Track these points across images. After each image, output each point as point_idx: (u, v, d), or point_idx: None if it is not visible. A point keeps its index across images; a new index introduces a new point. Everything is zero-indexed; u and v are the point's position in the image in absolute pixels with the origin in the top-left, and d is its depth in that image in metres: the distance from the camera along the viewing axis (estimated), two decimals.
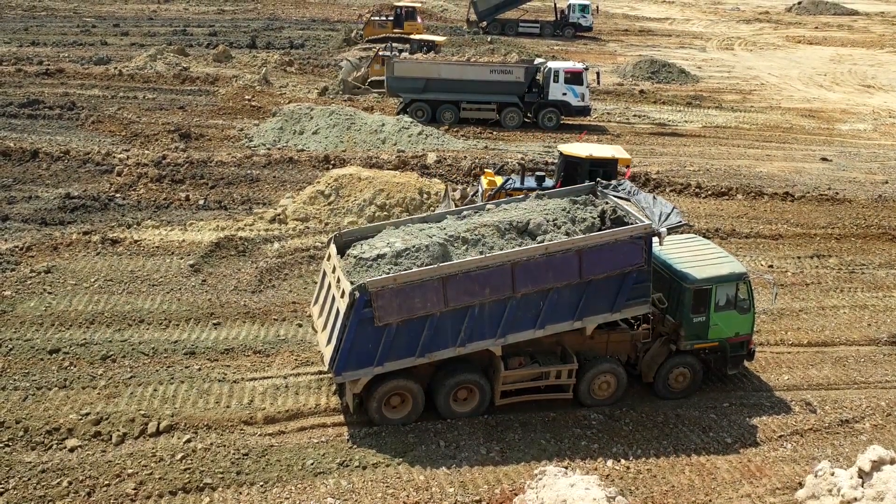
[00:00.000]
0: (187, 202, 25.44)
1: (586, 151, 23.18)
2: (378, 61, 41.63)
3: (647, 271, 15.40)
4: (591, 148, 23.78)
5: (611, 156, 23.13)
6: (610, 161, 22.89)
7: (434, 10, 68.71)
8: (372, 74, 41.48)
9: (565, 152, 23.40)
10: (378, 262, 14.56)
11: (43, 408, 14.92)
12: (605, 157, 23.00)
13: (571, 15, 63.59)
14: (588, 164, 22.64)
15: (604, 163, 22.72)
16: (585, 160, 22.76)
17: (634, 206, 16.37)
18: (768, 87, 48.96)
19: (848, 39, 68.32)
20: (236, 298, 19.47)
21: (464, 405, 15.31)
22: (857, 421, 16.29)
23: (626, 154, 24.43)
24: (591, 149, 23.59)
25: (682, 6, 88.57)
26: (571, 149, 23.61)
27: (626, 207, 16.27)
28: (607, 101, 42.28)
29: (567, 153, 23.31)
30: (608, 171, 22.21)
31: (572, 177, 22.77)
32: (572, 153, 23.22)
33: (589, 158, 22.75)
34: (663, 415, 15.96)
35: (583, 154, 23.01)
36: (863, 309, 21.07)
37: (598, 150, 23.47)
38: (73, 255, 20.99)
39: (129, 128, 32.57)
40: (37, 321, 17.81)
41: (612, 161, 22.92)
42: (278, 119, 33.27)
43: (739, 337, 16.52)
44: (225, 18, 63.67)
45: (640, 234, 15.13)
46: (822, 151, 35.38)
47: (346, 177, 24.85)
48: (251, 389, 15.93)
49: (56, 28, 55.21)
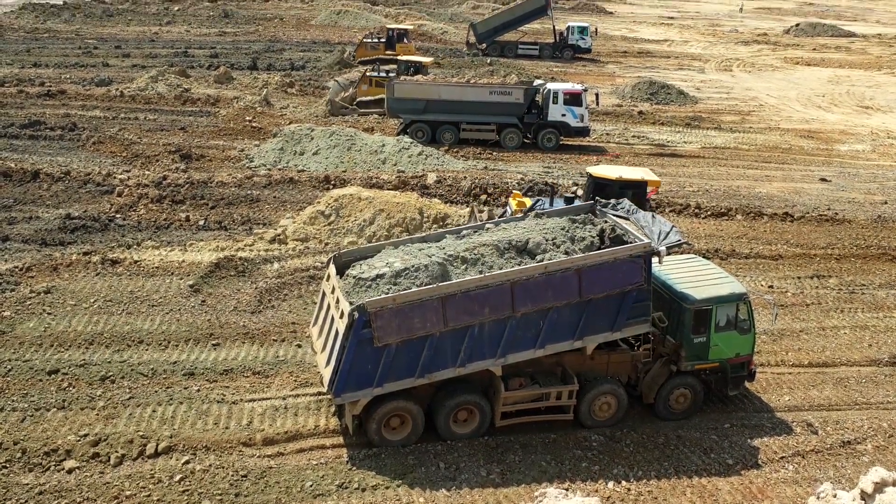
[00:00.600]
0: (187, 222, 25.48)
1: (616, 173, 23.18)
2: (365, 82, 41.94)
3: (647, 290, 15.39)
4: (620, 170, 23.77)
5: (640, 178, 23.15)
6: (639, 183, 22.91)
7: (434, 32, 69.16)
8: (360, 95, 41.75)
9: (595, 174, 23.33)
10: (377, 282, 14.55)
11: (41, 429, 14.86)
12: (635, 178, 23.00)
13: (570, 37, 63.94)
14: (618, 185, 22.60)
15: (633, 184, 22.76)
16: (615, 182, 22.72)
17: (633, 225, 16.38)
18: (767, 107, 49.17)
19: (846, 61, 68.69)
20: (236, 319, 19.44)
21: (464, 426, 15.24)
22: (859, 442, 16.21)
23: (655, 176, 24.33)
24: (620, 170, 23.59)
25: (681, 28, 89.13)
26: (601, 170, 23.59)
27: (626, 226, 16.28)
28: (606, 122, 42.45)
29: (597, 175, 23.26)
30: (638, 193, 22.32)
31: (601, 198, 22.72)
32: (602, 175, 23.19)
33: (619, 180, 22.72)
34: (664, 436, 15.89)
35: (612, 176, 22.98)
36: (863, 329, 21.04)
37: (628, 172, 23.46)
38: (73, 276, 20.99)
39: (130, 149, 32.68)
40: (36, 342, 17.78)
41: (641, 183, 22.94)
42: (279, 140, 33.39)
43: (740, 357, 16.49)
44: (226, 40, 64.04)
45: (639, 253, 15.14)
46: (821, 172, 35.48)
47: (347, 197, 24.91)
48: (250, 410, 15.87)
49: (58, 50, 55.52)
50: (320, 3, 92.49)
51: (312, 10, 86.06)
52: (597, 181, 23.14)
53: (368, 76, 42.16)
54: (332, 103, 41.09)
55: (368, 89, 41.50)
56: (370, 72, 43.01)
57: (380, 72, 42.98)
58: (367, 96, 41.33)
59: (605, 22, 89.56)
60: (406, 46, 53.59)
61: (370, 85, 41.57)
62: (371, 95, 41.25)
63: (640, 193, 22.57)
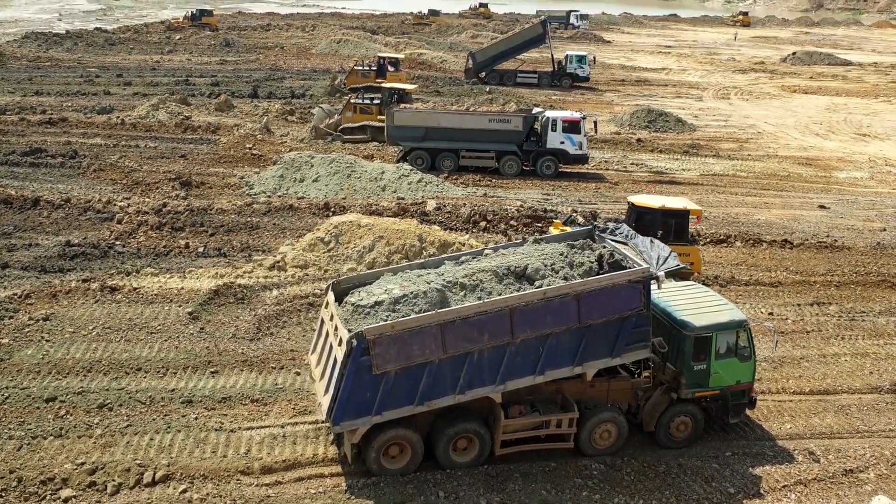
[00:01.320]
0: (187, 249, 25.49)
1: (658, 202, 23.21)
2: (350, 109, 42.23)
3: (647, 315, 15.34)
4: (662, 199, 23.81)
5: (682, 206, 23.19)
6: (682, 212, 22.97)
7: (433, 61, 69.71)
8: (344, 122, 42.00)
9: (637, 203, 23.32)
10: (376, 309, 14.50)
11: (37, 457, 14.75)
12: (678, 207, 23.05)
13: (569, 65, 64.48)
14: (661, 214, 22.65)
15: (676, 213, 22.82)
16: (658, 210, 22.74)
17: (632, 250, 16.38)
18: (765, 135, 49.41)
19: (843, 89, 69.18)
20: (234, 346, 19.37)
21: (463, 455, 15.13)
22: (862, 471, 16.09)
23: (696, 205, 24.36)
24: (663, 200, 23.65)
25: (678, 57, 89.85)
26: (643, 200, 23.61)
27: (624, 251, 16.28)
28: (605, 149, 42.63)
29: (639, 204, 23.26)
30: (681, 222, 22.53)
31: (644, 228, 22.72)
32: (645, 204, 23.20)
33: (662, 209, 22.75)
34: (665, 464, 15.77)
35: (655, 205, 22.98)
36: (864, 357, 20.97)
37: (670, 202, 23.52)
38: (72, 303, 20.94)
39: (131, 176, 32.79)
40: (34, 369, 17.69)
41: (684, 212, 22.99)
42: (279, 167, 33.51)
43: (741, 385, 16.40)
44: (227, 69, 64.52)
45: (638, 278, 15.10)
46: (820, 199, 35.57)
47: (346, 224, 24.93)
48: (248, 439, 15.76)
49: (60, 78, 55.92)
50: (321, 32, 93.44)
51: (313, 38, 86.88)
52: (639, 210, 23.10)
53: (353, 103, 42.53)
54: (317, 129, 41.37)
55: (353, 116, 41.84)
56: (354, 99, 43.35)
57: (364, 99, 43.32)
58: (351, 123, 41.66)
59: (603, 51, 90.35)
60: (397, 75, 54.02)
61: (354, 112, 41.92)
62: (355, 122, 41.59)
63: (682, 222, 22.72)
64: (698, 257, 23.31)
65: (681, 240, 22.75)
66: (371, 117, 41.43)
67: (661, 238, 21.86)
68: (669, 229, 22.60)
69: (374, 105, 41.97)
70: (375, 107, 41.79)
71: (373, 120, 41.26)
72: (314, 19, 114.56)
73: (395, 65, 55.30)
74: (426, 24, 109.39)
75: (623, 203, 32.90)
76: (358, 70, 55.16)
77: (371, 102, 42.32)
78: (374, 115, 41.39)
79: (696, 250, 23.46)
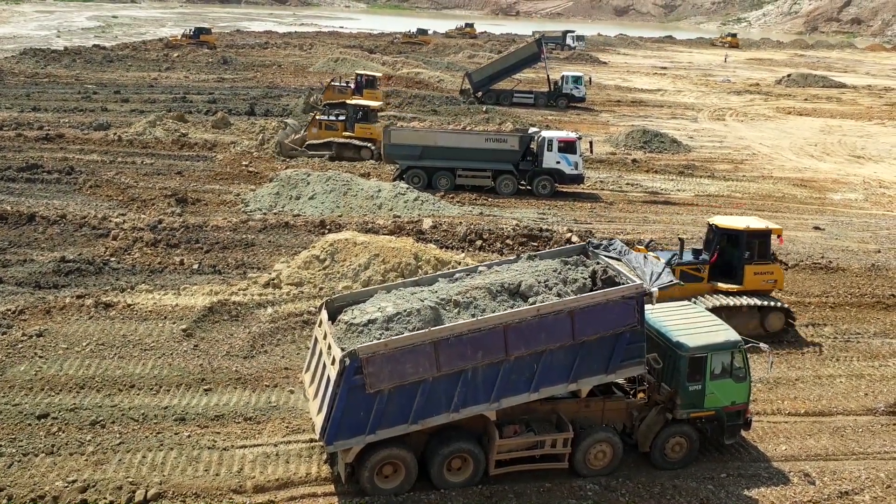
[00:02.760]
0: (182, 266, 25.44)
1: (743, 223, 23.26)
2: (315, 125, 42.31)
3: (641, 331, 15.31)
4: (746, 220, 23.86)
5: (765, 227, 23.27)
6: (765, 232, 23.07)
7: (430, 80, 70.00)
8: (309, 138, 42.09)
9: (722, 225, 23.29)
10: (369, 327, 14.46)
11: (28, 475, 14.64)
12: (761, 228, 23.13)
13: (565, 86, 64.78)
14: (746, 236, 22.73)
15: (760, 234, 22.92)
16: (744, 232, 22.79)
17: (625, 266, 16.37)
18: (760, 156, 49.63)
19: (837, 111, 69.59)
20: (228, 364, 19.30)
21: (458, 475, 15.04)
22: (857, 493, 16.03)
23: (775, 224, 24.45)
24: (747, 221, 23.71)
25: (674, 78, 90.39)
26: (728, 221, 23.62)
27: (618, 267, 16.27)
28: (600, 169, 42.76)
29: (724, 226, 23.23)
30: (764, 242, 22.75)
31: (730, 250, 22.92)
32: (730, 226, 23.20)
33: (747, 231, 22.82)
34: (660, 485, 15.70)
35: (741, 226, 23.02)
36: (859, 378, 20.96)
37: (754, 223, 23.55)
38: (66, 319, 20.87)
39: (127, 192, 32.78)
40: (26, 385, 17.60)
41: (767, 232, 23.10)
42: (275, 184, 33.54)
43: (736, 406, 16.38)
44: (224, 86, 64.70)
45: (631, 295, 15.09)
46: (815, 220, 35.68)
47: (342, 242, 24.93)
48: (241, 457, 15.66)
49: (57, 94, 56.00)
50: (318, 50, 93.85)
51: (310, 57, 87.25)
52: (724, 232, 23.09)
53: (318, 119, 42.63)
54: (282, 145, 41.36)
55: (318, 132, 41.93)
56: (320, 115, 43.41)
57: (329, 115, 43.40)
58: (316, 139, 41.73)
59: (599, 71, 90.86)
60: (374, 92, 54.21)
61: (320, 128, 42.02)
62: (320, 139, 41.66)
63: (766, 242, 22.87)
64: (781, 274, 23.49)
65: (764, 258, 23.03)
66: (336, 133, 41.58)
67: (747, 258, 22.37)
68: (754, 249, 22.81)
69: (339, 122, 42.13)
70: (341, 123, 41.95)
71: (338, 136, 41.44)
72: (312, 38, 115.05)
73: (371, 82, 55.47)
74: (415, 42, 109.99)
75: (618, 223, 33.12)
76: (335, 86, 55.26)
77: (336, 119, 42.48)
78: (340, 131, 41.59)
79: (779, 268, 23.64)
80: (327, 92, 54.65)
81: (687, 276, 22.42)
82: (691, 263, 22.91)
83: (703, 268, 22.92)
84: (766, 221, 24.34)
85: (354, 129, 41.37)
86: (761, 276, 22.87)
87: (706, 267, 22.92)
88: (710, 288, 22.83)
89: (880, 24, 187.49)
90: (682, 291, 21.55)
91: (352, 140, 41.21)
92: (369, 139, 41.37)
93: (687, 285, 22.02)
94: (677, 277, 21.91)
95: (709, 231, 23.71)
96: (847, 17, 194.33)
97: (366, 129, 41.47)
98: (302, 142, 41.94)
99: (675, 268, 22.26)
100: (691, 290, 22.31)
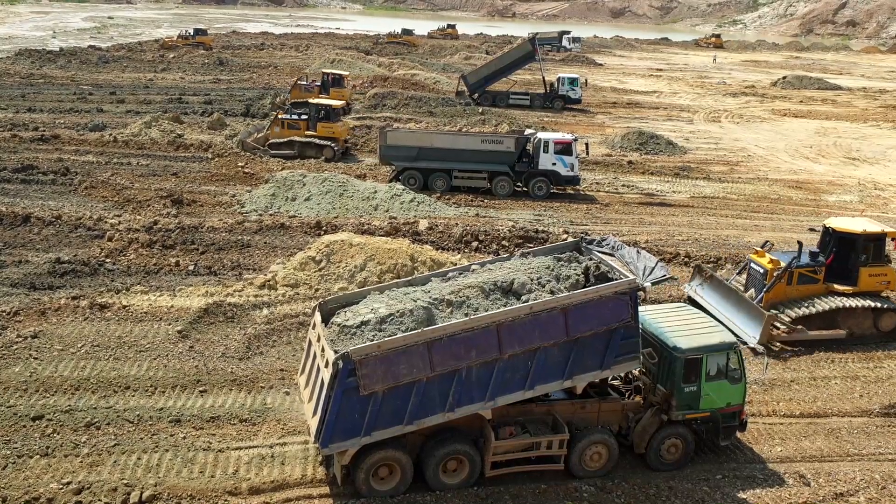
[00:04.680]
0: (177, 267, 25.40)
1: (860, 227, 23.40)
2: (277, 124, 42.32)
3: (635, 327, 15.29)
4: (861, 223, 23.99)
5: (881, 230, 23.42)
6: (881, 235, 23.22)
7: (426, 81, 69.97)
8: (272, 137, 42.08)
9: (838, 228, 23.39)
10: (362, 328, 14.42)
11: (23, 476, 14.60)
12: (877, 231, 23.28)
13: (561, 87, 64.82)
14: (862, 239, 22.88)
15: (876, 237, 23.09)
16: (861, 235, 22.93)
17: (619, 261, 16.37)
18: (755, 158, 49.70)
19: (832, 113, 69.71)
20: (223, 365, 19.27)
21: (453, 476, 15.03)
22: (852, 494, 16.05)
23: (891, 228, 24.65)
24: (862, 224, 23.85)
25: (670, 80, 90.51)
26: (844, 224, 23.72)
27: (611, 263, 16.26)
28: (596, 171, 42.79)
29: (840, 229, 23.34)
30: (879, 245, 22.98)
31: (846, 252, 23.05)
32: (846, 229, 23.32)
33: (864, 234, 22.97)
34: (655, 487, 15.71)
35: (857, 230, 23.15)
36: (854, 380, 21.00)
37: (870, 226, 23.69)
38: (61, 320, 20.83)
39: (122, 193, 32.72)
40: (21, 387, 17.55)
41: (882, 235, 23.25)
42: (271, 185, 33.52)
43: (731, 407, 16.40)
44: (220, 87, 64.63)
45: (624, 290, 15.08)
46: (810, 222, 35.67)
47: (338, 243, 24.91)
48: (236, 459, 15.64)
49: (53, 95, 55.90)
50: (314, 52, 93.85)
51: (307, 58, 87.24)
52: (840, 235, 23.24)
53: (280, 118, 42.65)
54: (244, 144, 41.35)
55: (280, 131, 41.97)
56: (282, 114, 43.48)
57: (291, 114, 43.44)
58: (278, 138, 41.76)
59: (595, 73, 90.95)
60: (341, 91, 54.26)
61: (282, 127, 42.04)
62: (282, 137, 41.69)
63: (881, 244, 23.05)
64: (894, 276, 23.58)
65: (878, 260, 23.24)
66: (298, 132, 41.63)
67: (862, 261, 22.67)
68: (869, 252, 23.04)
69: (301, 120, 42.13)
70: (303, 122, 41.96)
71: (300, 135, 41.49)
72: (308, 39, 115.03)
73: (338, 81, 55.49)
74: (400, 42, 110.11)
75: (614, 225, 33.13)
76: (302, 85, 55.19)
77: (298, 118, 42.50)
78: (302, 130, 41.65)
79: (893, 269, 23.74)
80: (293, 91, 54.55)
81: (804, 278, 22.99)
82: (808, 266, 23.15)
83: (820, 269, 23.17)
84: (881, 224, 24.55)
85: (316, 129, 41.50)
86: (876, 277, 23.15)
87: (822, 269, 23.16)
88: (826, 289, 23.14)
89: (875, 26, 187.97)
90: (798, 292, 22.62)
91: (313, 139, 41.35)
92: (331, 138, 41.57)
93: (802, 287, 22.85)
94: (796, 280, 22.67)
95: (824, 234, 23.92)
96: (842, 20, 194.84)
97: (328, 128, 41.60)
98: (264, 140, 41.96)
99: (794, 270, 22.85)
100: (807, 292, 22.92)
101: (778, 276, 22.76)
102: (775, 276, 22.79)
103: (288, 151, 41.07)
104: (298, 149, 41.23)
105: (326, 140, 41.41)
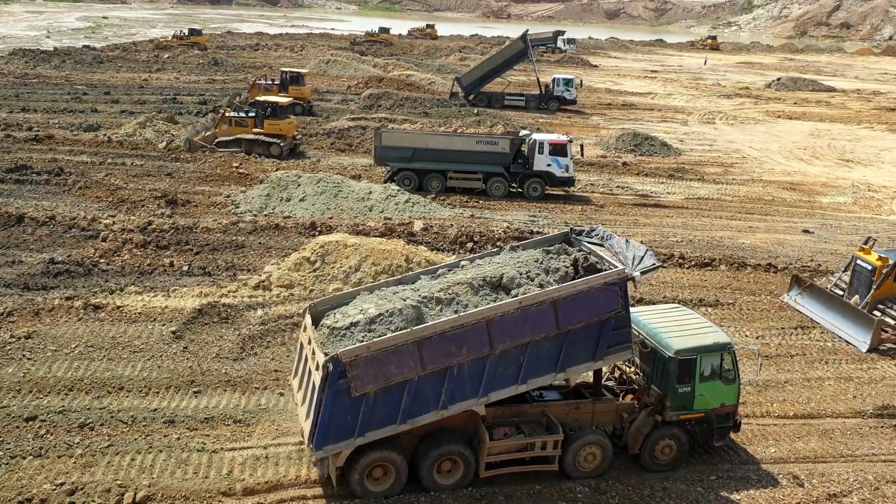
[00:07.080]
0: (171, 268, 25.34)
1: None
2: (225, 122, 42.33)
3: (626, 317, 15.27)
4: None
5: None
6: None
7: (421, 82, 69.97)
8: (219, 135, 42.07)
9: None
10: (352, 330, 14.39)
11: (16, 477, 14.56)
12: None
13: (556, 89, 64.89)
14: None
15: None
16: None
17: (608, 252, 16.37)
18: (749, 160, 49.82)
19: (826, 115, 69.91)
20: (217, 366, 19.24)
21: (448, 477, 15.03)
22: (845, 495, 16.11)
23: None
24: None
25: (664, 81, 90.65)
26: None
27: (600, 253, 16.25)
28: (591, 172, 42.86)
29: None
30: None
31: None
32: None
33: None
34: (649, 487, 15.73)
35: None
36: (847, 381, 21.06)
37: None
38: (55, 321, 20.77)
39: (116, 194, 32.65)
40: (14, 388, 17.50)
41: None
42: (265, 186, 33.48)
43: (725, 408, 16.44)
44: (215, 87, 64.52)
45: (614, 280, 15.05)
46: (804, 224, 35.85)
47: (333, 244, 24.90)
48: (230, 460, 15.62)
49: (47, 95, 55.75)
50: (309, 52, 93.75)
51: (302, 59, 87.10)
52: None
53: (227, 116, 42.68)
54: (191, 142, 41.28)
55: (228, 129, 42.00)
56: (230, 112, 43.53)
57: (239, 112, 43.47)
58: (226, 136, 41.79)
59: (590, 75, 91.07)
60: (300, 89, 54.38)
61: (230, 125, 42.08)
62: (230, 135, 41.72)
63: None
64: None
65: None
66: (246, 130, 41.66)
67: None
68: None
69: (249, 118, 42.12)
70: (251, 120, 41.96)
71: (247, 133, 41.52)
72: (303, 39, 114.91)
73: (297, 79, 55.60)
74: (377, 41, 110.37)
75: (609, 226, 33.07)
76: (261, 84, 55.25)
77: (246, 115, 42.52)
78: (249, 128, 41.69)
79: None
80: (253, 90, 54.51)
81: None
82: None
83: None
84: None
85: (263, 126, 41.53)
86: None
87: None
88: None
89: (869, 28, 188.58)
90: None
91: (260, 136, 41.37)
92: (278, 135, 41.65)
93: None
94: None
95: None
96: (836, 22, 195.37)
97: (274, 125, 41.72)
98: (213, 138, 41.95)
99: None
100: None
101: (886, 273, 22.80)
102: (884, 273, 22.84)
103: (236, 149, 41.15)
104: (246, 146, 41.35)
105: (273, 137, 41.54)
